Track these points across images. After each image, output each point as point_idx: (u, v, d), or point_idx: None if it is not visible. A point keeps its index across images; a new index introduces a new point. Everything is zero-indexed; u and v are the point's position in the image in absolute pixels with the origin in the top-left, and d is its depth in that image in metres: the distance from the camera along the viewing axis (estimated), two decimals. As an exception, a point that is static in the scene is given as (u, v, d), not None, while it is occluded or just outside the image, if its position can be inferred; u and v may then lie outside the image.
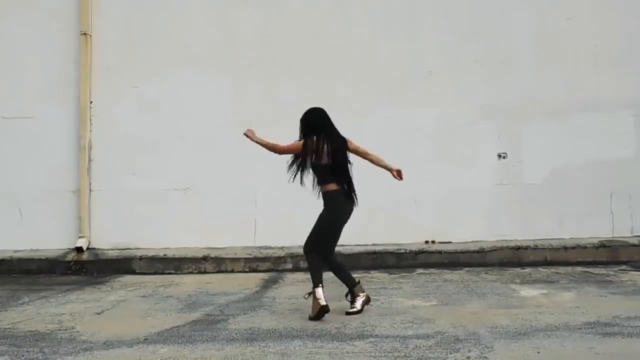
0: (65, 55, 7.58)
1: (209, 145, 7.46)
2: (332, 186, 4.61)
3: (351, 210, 4.69)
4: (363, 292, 4.71)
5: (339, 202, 4.60)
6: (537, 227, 7.25)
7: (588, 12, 7.49)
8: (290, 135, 7.24)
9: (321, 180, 4.66)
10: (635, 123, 7.39)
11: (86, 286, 6.23)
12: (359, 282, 4.73)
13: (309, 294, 4.55)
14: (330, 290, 5.62)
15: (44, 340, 4.09)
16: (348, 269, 4.83)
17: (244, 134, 4.84)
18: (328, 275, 6.41)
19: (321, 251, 4.62)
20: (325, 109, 5.03)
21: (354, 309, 4.59)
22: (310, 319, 4.44)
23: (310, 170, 4.71)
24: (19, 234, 7.41)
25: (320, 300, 4.43)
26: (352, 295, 4.66)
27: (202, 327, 4.35)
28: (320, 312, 4.42)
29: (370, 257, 6.92)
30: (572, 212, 7.29)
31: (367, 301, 4.71)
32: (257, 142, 4.81)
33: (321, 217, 4.64)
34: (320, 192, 4.69)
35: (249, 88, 7.52)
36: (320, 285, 4.50)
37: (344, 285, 5.85)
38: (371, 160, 4.85)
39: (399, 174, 4.83)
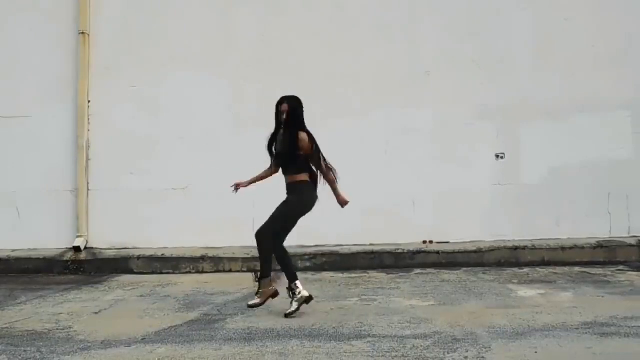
0: (63, 55, 7.55)
1: (207, 145, 7.46)
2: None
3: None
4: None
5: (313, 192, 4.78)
6: (534, 227, 7.26)
7: (586, 12, 7.50)
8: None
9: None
10: (633, 123, 7.39)
11: (84, 286, 6.22)
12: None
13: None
14: (328, 290, 5.65)
15: (41, 340, 4.09)
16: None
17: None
18: (327, 275, 6.44)
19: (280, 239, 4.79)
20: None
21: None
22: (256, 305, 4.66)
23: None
24: (16, 233, 7.39)
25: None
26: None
27: (200, 327, 4.35)
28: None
29: (368, 257, 6.91)
30: (570, 212, 7.30)
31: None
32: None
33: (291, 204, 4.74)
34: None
35: (248, 88, 7.51)
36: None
37: (341, 285, 5.89)
38: None
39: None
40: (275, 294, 4.73)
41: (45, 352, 3.79)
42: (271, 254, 4.75)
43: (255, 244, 4.88)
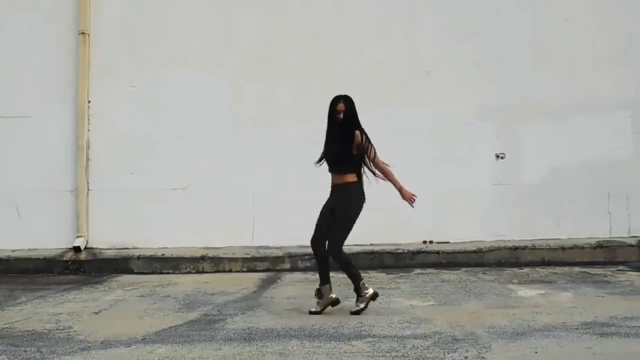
0: (63, 55, 7.55)
1: (207, 145, 7.46)
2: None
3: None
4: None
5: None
6: (534, 227, 7.26)
7: (586, 12, 7.50)
8: (290, 134, 7.34)
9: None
10: (633, 123, 7.39)
11: (84, 286, 6.22)
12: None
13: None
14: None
15: (41, 340, 4.08)
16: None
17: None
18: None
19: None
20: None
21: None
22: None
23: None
24: (16, 233, 7.39)
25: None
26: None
27: (200, 327, 4.35)
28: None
29: (368, 257, 6.91)
30: (570, 212, 7.30)
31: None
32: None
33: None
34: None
35: (248, 88, 7.52)
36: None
37: (341, 285, 5.89)
38: None
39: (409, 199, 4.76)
40: (336, 302, 4.68)
41: (45, 352, 3.79)
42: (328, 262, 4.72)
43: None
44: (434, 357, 3.47)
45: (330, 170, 4.78)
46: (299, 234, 7.13)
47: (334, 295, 4.68)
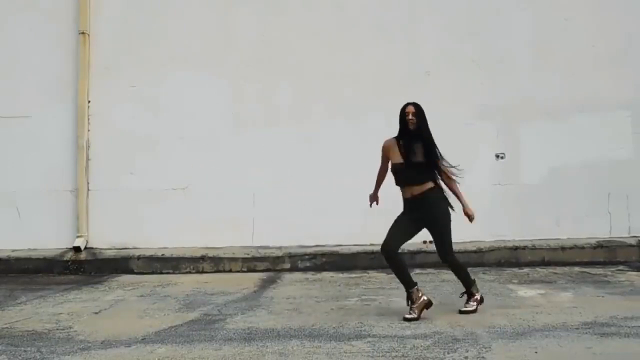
0: (63, 55, 7.55)
1: (207, 145, 7.46)
2: None
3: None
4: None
5: None
6: (534, 227, 7.25)
7: (586, 12, 7.50)
8: (290, 134, 7.34)
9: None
10: (633, 123, 7.39)
11: (84, 286, 6.22)
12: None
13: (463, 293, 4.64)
14: (328, 290, 5.65)
15: (41, 340, 4.09)
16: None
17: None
18: (327, 275, 6.44)
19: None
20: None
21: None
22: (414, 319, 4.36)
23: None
24: (16, 233, 7.39)
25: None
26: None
27: (200, 327, 4.35)
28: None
29: (368, 257, 6.90)
30: (570, 212, 7.30)
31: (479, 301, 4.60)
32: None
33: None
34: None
35: (248, 88, 7.52)
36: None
37: (341, 285, 5.89)
38: None
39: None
40: (429, 304, 4.48)
41: (45, 352, 3.79)
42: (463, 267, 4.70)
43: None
44: (434, 357, 3.47)
45: (408, 182, 4.73)
46: (299, 234, 7.20)
47: (425, 297, 4.48)
